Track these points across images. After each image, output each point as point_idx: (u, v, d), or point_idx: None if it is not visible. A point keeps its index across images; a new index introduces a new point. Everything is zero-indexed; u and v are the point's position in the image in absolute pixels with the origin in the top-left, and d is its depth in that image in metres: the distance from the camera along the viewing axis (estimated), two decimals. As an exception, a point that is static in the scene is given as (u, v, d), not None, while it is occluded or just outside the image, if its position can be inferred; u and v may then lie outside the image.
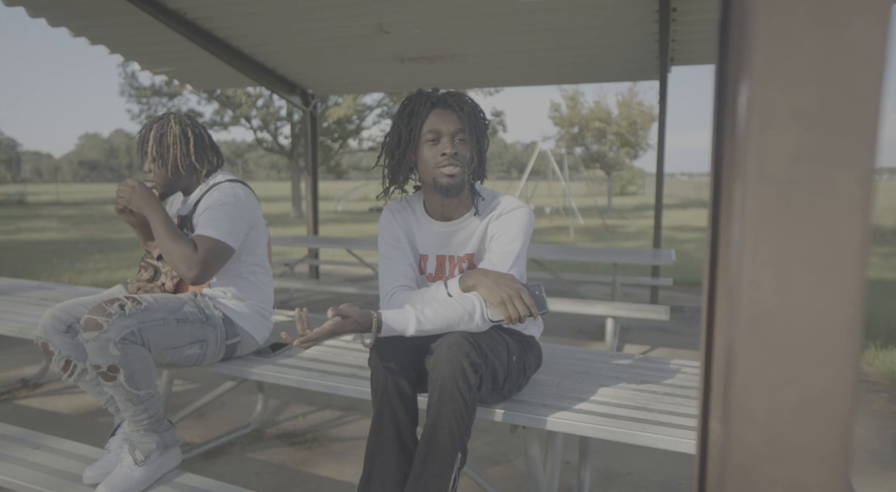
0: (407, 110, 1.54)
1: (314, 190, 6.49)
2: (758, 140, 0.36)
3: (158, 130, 1.91)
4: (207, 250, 1.74)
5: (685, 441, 1.37)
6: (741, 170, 0.38)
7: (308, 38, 4.87)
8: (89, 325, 1.54)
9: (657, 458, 2.36)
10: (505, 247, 1.54)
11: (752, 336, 0.37)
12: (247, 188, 1.96)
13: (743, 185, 0.38)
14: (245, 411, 2.83)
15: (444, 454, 1.30)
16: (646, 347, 4.02)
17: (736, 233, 0.39)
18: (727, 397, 0.39)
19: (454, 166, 1.49)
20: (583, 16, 4.14)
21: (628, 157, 21.90)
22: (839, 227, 0.35)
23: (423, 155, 1.53)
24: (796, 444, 0.37)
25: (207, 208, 1.83)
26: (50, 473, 1.61)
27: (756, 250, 0.37)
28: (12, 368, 3.43)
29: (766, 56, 0.35)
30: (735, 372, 0.38)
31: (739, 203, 0.38)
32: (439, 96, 1.54)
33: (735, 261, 0.39)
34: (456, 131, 1.51)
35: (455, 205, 1.59)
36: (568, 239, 11.39)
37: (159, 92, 17.80)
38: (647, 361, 1.97)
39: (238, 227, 1.83)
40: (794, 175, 0.35)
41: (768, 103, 0.35)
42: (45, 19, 4.60)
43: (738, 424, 0.38)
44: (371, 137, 19.94)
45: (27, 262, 7.88)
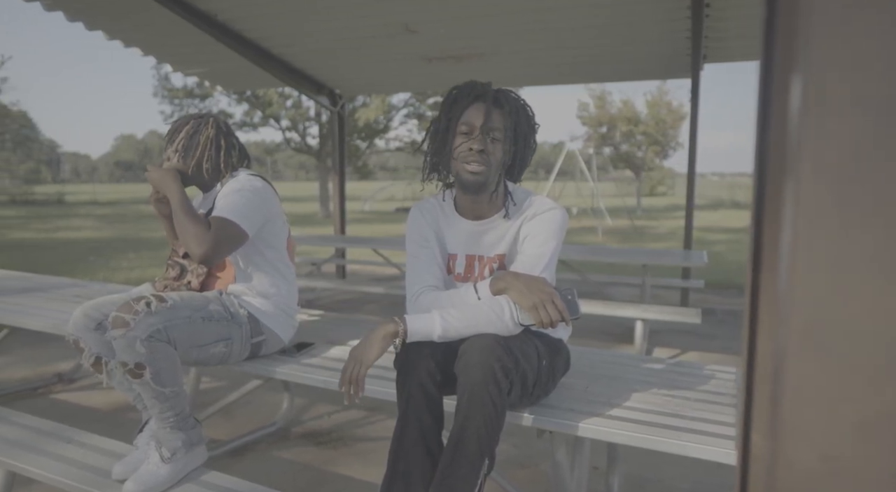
0: (450, 99, 1.50)
1: (341, 190, 6.53)
2: (814, 132, 0.33)
3: (194, 127, 1.93)
4: (219, 229, 1.74)
5: (718, 450, 1.33)
6: (794, 166, 0.35)
7: (335, 39, 4.90)
8: (117, 322, 1.56)
9: (688, 465, 2.29)
10: (538, 249, 1.50)
11: (806, 346, 0.34)
12: (266, 182, 1.95)
13: (796, 182, 0.34)
14: (271, 410, 2.85)
15: (470, 459, 1.27)
16: (676, 351, 3.93)
17: (787, 234, 0.36)
18: (775, 412, 0.36)
19: (479, 164, 1.46)
20: (612, 13, 4.07)
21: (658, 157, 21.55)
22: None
23: (454, 147, 1.49)
24: (855, 465, 0.34)
25: (223, 196, 1.85)
26: (80, 467, 1.64)
27: (810, 253, 0.34)
28: (48, 363, 3.51)
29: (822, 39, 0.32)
30: (785, 385, 0.35)
31: (791, 202, 0.35)
32: (484, 90, 1.49)
33: (786, 265, 0.36)
34: (490, 128, 1.46)
35: (485, 203, 1.56)
36: (596, 240, 11.25)
37: (192, 93, 18.15)
38: (678, 365, 1.92)
39: (253, 213, 1.82)
40: (855, 170, 0.32)
41: (825, 91, 0.32)
42: (82, 23, 4.72)
43: (789, 441, 0.35)
44: (398, 137, 20.01)
45: (64, 260, 8.11)
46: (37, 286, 3.10)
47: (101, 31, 4.92)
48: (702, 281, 4.91)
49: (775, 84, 0.39)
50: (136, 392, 1.82)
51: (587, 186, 16.09)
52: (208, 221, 1.77)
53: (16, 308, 2.58)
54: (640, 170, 22.21)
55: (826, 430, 0.34)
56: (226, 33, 4.72)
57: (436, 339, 1.39)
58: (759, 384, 0.41)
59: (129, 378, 1.59)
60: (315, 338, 2.19)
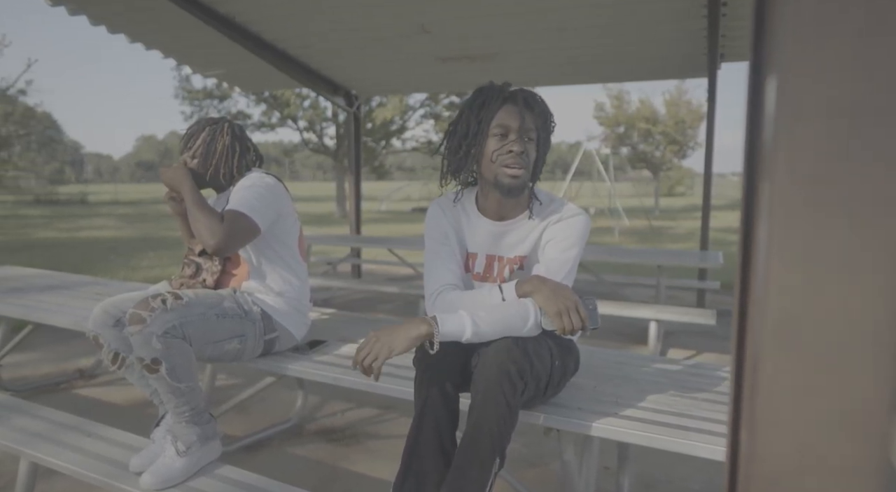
0: (478, 102, 1.50)
1: (357, 190, 6.57)
2: (787, 135, 0.34)
3: (210, 134, 1.97)
4: (232, 221, 1.77)
5: (724, 449, 1.33)
6: (769, 167, 0.36)
7: (352, 40, 4.94)
8: (134, 319, 1.60)
9: (699, 466, 2.29)
10: (562, 253, 1.51)
11: (780, 342, 0.36)
12: (277, 180, 1.99)
13: (771, 183, 0.36)
14: (285, 407, 2.89)
15: (482, 458, 1.28)
16: (690, 352, 3.90)
17: (763, 234, 0.37)
18: (754, 405, 0.38)
19: (519, 167, 1.46)
20: (627, 13, 4.05)
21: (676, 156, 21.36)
22: (873, 226, 0.33)
23: (488, 150, 1.49)
24: (826, 456, 0.35)
25: (235, 192, 1.88)
26: (99, 459, 1.68)
27: (784, 252, 0.35)
28: (70, 359, 3.60)
29: (795, 46, 0.34)
30: (761, 379, 0.37)
31: (767, 202, 0.36)
32: (512, 92, 1.50)
33: (762, 263, 0.37)
34: (525, 130, 1.47)
35: (512, 205, 1.56)
36: (613, 240, 11.19)
37: (211, 94, 18.40)
38: (689, 366, 1.91)
39: (265, 207, 1.85)
40: (826, 172, 0.33)
41: (797, 96, 0.34)
42: (104, 27, 4.81)
43: (765, 433, 0.37)
44: (414, 138, 20.08)
45: (86, 259, 8.27)
46: (59, 284, 3.17)
47: (123, 34, 5.01)
48: (718, 282, 4.87)
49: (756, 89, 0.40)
50: (153, 387, 1.87)
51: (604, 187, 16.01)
52: (221, 214, 1.81)
53: (39, 305, 2.65)
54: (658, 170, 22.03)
55: (798, 422, 0.35)
56: (244, 35, 4.78)
57: (464, 341, 1.38)
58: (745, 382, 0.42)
59: (146, 373, 1.63)
60: (328, 336, 2.22)
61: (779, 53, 0.35)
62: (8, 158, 22.86)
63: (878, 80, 0.33)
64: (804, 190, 0.34)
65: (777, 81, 0.35)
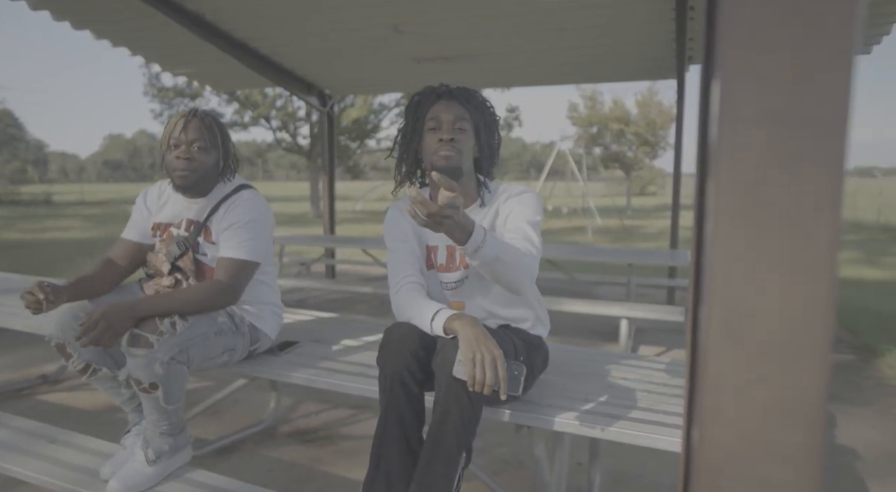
0: (414, 102, 1.60)
1: (331, 190, 6.53)
2: (728, 140, 0.36)
3: (210, 119, 1.77)
4: (236, 274, 1.72)
5: (692, 443, 1.36)
6: (714, 170, 0.38)
7: (325, 39, 4.91)
8: (139, 341, 1.51)
9: (669, 460, 2.33)
10: (527, 222, 1.55)
11: (725, 336, 0.37)
12: (261, 196, 1.90)
13: (715, 185, 0.37)
14: (258, 409, 2.86)
15: (449, 453, 1.30)
16: (661, 349, 3.98)
17: (710, 232, 0.39)
18: (700, 397, 0.39)
19: (449, 150, 1.53)
20: (599, 15, 4.11)
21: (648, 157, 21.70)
22: (810, 226, 0.35)
23: (425, 143, 1.58)
24: (767, 442, 0.37)
25: (232, 226, 1.76)
26: (66, 467, 1.65)
27: (727, 250, 0.37)
28: (33, 364, 3.50)
29: (734, 56, 0.35)
30: (708, 372, 0.38)
31: (712, 203, 0.38)
32: (445, 89, 1.60)
33: (709, 261, 0.39)
34: (455, 119, 1.55)
35: (463, 194, 1.59)
36: (586, 239, 11.32)
37: (182, 92, 18.08)
38: (657, 362, 1.95)
39: (264, 241, 1.82)
40: (764, 175, 0.35)
41: (737, 103, 0.35)
42: (69, 22, 4.70)
43: (710, 423, 0.38)
44: (389, 137, 20.04)
45: (52, 260, 8.07)
46: (21, 287, 3.09)
47: (88, 31, 4.90)
48: (687, 280, 4.96)
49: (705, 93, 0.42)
50: (125, 396, 1.81)
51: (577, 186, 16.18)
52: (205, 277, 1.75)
53: (1, 309, 2.58)
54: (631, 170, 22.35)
55: (740, 412, 0.37)
56: (214, 34, 4.72)
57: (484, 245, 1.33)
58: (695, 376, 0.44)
59: (137, 390, 1.57)
60: (302, 337, 2.21)
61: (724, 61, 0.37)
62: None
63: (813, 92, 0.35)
64: (746, 191, 0.36)
65: (721, 87, 0.37)
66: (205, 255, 1.83)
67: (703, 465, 0.41)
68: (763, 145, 0.36)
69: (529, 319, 1.69)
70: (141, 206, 1.94)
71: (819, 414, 0.36)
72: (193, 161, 1.74)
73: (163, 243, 1.88)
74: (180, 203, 1.87)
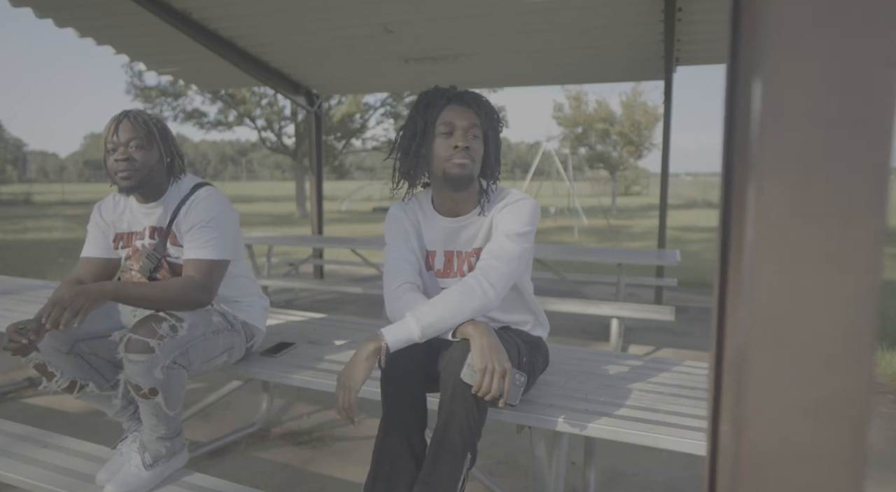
0: (423, 103, 1.54)
1: (318, 190, 6.50)
2: (771, 142, 0.36)
3: (141, 117, 1.71)
4: (208, 272, 1.68)
5: (691, 442, 1.37)
6: (755, 171, 0.38)
7: (313, 38, 4.88)
8: (139, 347, 1.47)
9: (663, 458, 2.35)
10: (508, 240, 1.51)
11: (766, 337, 0.37)
12: (220, 191, 1.84)
13: (757, 186, 0.38)
14: (250, 411, 2.84)
15: (454, 454, 1.30)
16: (650, 348, 4.01)
17: (749, 235, 0.39)
18: (740, 398, 0.39)
19: (464, 158, 1.49)
20: (588, 16, 4.13)
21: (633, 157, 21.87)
22: (853, 228, 0.35)
23: (435, 148, 1.52)
24: (809, 445, 0.37)
25: (194, 226, 1.72)
26: (58, 471, 1.62)
27: (770, 252, 0.37)
28: (18, 367, 3.44)
29: (779, 56, 0.35)
30: (748, 373, 0.38)
31: (753, 205, 0.38)
32: (456, 92, 1.55)
33: (748, 263, 0.39)
34: (469, 126, 1.51)
35: (464, 201, 1.59)
36: (572, 239, 11.38)
37: (165, 92, 17.86)
38: (653, 361, 1.97)
39: (230, 237, 1.76)
40: (808, 177, 0.35)
41: (781, 105, 0.35)
42: (52, 20, 4.62)
43: (751, 424, 0.38)
44: (374, 137, 19.97)
45: (34, 261, 7.92)
46: (5, 288, 3.04)
47: (71, 29, 4.82)
48: (675, 279, 5.01)
49: (739, 91, 0.42)
50: (118, 406, 1.77)
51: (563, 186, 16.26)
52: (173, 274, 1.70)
53: (-14, 311, 2.53)
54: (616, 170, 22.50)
55: (783, 413, 0.37)
56: (201, 32, 4.67)
57: (418, 340, 1.41)
58: (727, 375, 0.44)
59: (135, 396, 1.53)
60: (296, 338, 2.19)
61: (766, 61, 0.37)
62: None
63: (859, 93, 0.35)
64: (789, 194, 0.36)
65: (763, 88, 0.37)
66: (177, 258, 1.78)
67: (739, 467, 0.41)
68: (807, 147, 0.36)
69: (529, 322, 1.69)
70: (98, 220, 1.87)
71: (863, 416, 0.36)
72: (133, 161, 1.69)
73: (132, 260, 1.82)
74: (138, 210, 1.82)
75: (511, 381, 1.32)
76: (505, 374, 1.30)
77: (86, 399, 1.72)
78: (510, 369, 1.32)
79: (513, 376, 1.34)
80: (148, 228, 1.81)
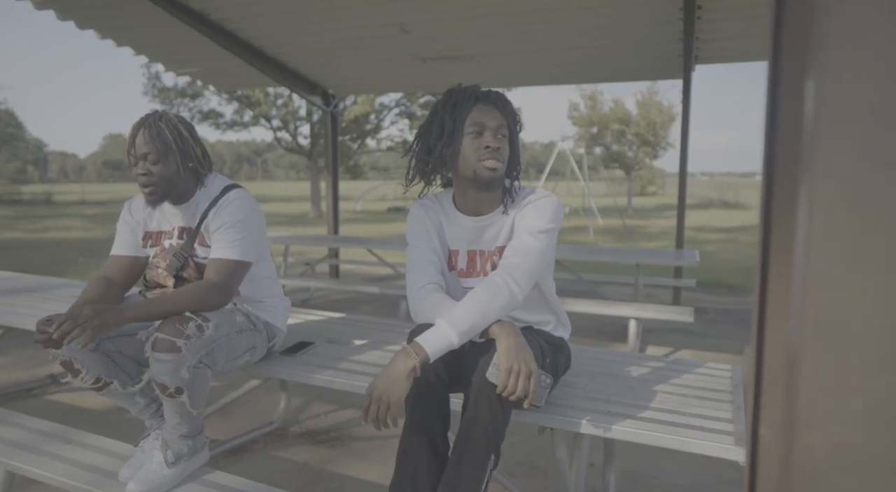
0: (450, 102, 1.52)
1: (334, 189, 6.52)
2: (827, 138, 0.35)
3: (156, 128, 1.72)
4: (229, 274, 1.70)
5: (717, 445, 1.35)
6: (807, 169, 0.37)
7: (329, 39, 4.90)
8: (166, 346, 1.48)
9: (682, 461, 2.33)
10: (531, 236, 1.50)
11: (819, 339, 0.36)
12: (249, 194, 1.86)
13: (810, 184, 0.36)
14: (268, 409, 2.85)
15: (478, 456, 1.29)
16: (668, 349, 3.97)
17: (801, 234, 0.37)
18: (789, 402, 0.38)
19: (496, 160, 1.49)
20: (606, 14, 4.10)
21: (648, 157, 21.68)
22: (914, 227, 0.34)
23: (464, 148, 1.51)
24: (866, 451, 0.36)
25: (222, 226, 1.74)
26: (82, 468, 1.64)
27: (824, 251, 0.36)
28: (42, 364, 3.49)
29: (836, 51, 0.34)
30: (799, 376, 0.37)
31: (805, 203, 0.37)
32: (483, 92, 1.55)
33: (800, 262, 0.37)
34: (498, 126, 1.51)
35: (488, 201, 1.58)
36: (587, 239, 11.31)
37: (183, 93, 18.05)
38: (674, 363, 1.94)
39: (254, 240, 1.78)
40: (866, 174, 0.34)
41: (839, 100, 0.34)
42: (73, 21, 4.69)
43: (802, 430, 0.37)
44: (389, 137, 20.00)
45: (53, 260, 8.04)
46: (30, 287, 3.08)
47: (92, 30, 4.89)
48: (693, 280, 4.95)
49: (786, 87, 0.41)
50: (142, 404, 1.78)
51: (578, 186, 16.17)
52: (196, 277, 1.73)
53: (10, 309, 2.57)
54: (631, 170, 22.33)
55: (838, 418, 0.36)
56: (219, 33, 4.71)
57: (455, 347, 1.38)
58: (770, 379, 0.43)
59: (160, 394, 1.55)
60: (314, 338, 2.20)
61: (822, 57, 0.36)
62: (-33, 156, 22.08)
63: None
64: (845, 192, 0.35)
65: (816, 84, 0.36)
66: (203, 258, 1.80)
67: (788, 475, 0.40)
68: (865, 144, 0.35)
69: (552, 322, 1.68)
70: (127, 217, 1.90)
71: (920, 421, 0.35)
72: (151, 176, 1.72)
73: (158, 258, 1.84)
74: (168, 211, 1.85)
75: (536, 382, 1.31)
76: (531, 374, 1.29)
77: (109, 396, 1.74)
78: (536, 369, 1.31)
79: (538, 377, 1.33)
80: (177, 228, 1.85)
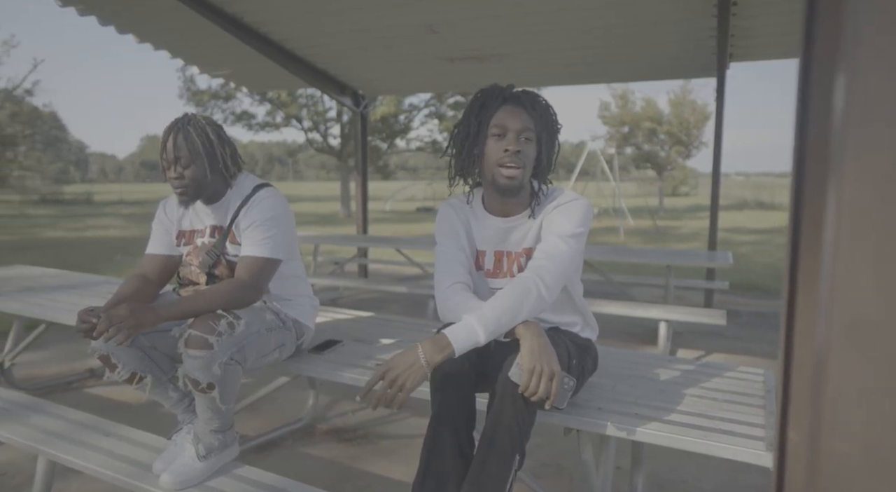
0: (478, 103, 1.51)
1: (364, 189, 6.58)
2: (857, 137, 0.34)
3: (185, 132, 1.76)
4: (259, 271, 1.73)
5: (747, 451, 1.32)
6: (837, 168, 0.36)
7: (359, 40, 4.95)
8: (198, 343, 1.52)
9: (709, 465, 2.28)
10: (560, 239, 1.49)
11: (849, 342, 0.36)
12: (280, 193, 1.90)
13: (839, 183, 0.36)
14: (296, 407, 2.89)
15: (503, 455, 1.29)
16: (700, 352, 3.90)
17: (829, 234, 0.37)
18: (817, 406, 0.38)
19: (514, 167, 1.47)
20: (638, 12, 4.05)
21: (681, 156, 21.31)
22: (948, 228, 0.33)
23: (487, 149, 1.50)
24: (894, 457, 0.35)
25: (253, 224, 1.78)
26: (119, 459, 1.69)
27: (854, 252, 0.35)
28: (81, 358, 3.61)
29: (867, 49, 0.34)
30: (828, 380, 0.37)
31: (834, 203, 0.36)
32: (512, 92, 1.52)
33: (828, 263, 0.37)
34: (522, 129, 1.48)
35: (514, 203, 1.57)
36: (618, 240, 11.17)
37: (216, 95, 18.42)
38: (705, 366, 1.91)
39: (285, 238, 1.82)
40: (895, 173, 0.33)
41: (870, 97, 0.34)
42: (113, 26, 4.83)
43: (830, 434, 0.37)
44: (419, 138, 20.08)
45: (93, 258, 8.30)
46: (71, 283, 3.19)
47: (131, 35, 5.03)
48: (727, 282, 4.85)
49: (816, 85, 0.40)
50: (175, 399, 1.83)
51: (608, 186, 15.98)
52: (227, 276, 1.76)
53: (53, 304, 2.66)
54: (663, 170, 21.98)
55: (868, 423, 0.35)
56: (252, 35, 4.80)
57: (482, 345, 1.38)
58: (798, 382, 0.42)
59: (193, 390, 1.59)
60: (342, 336, 2.22)
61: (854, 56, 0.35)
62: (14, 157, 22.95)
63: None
64: (876, 191, 0.34)
65: (848, 83, 0.35)
66: (234, 256, 1.84)
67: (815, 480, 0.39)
68: (893, 143, 0.34)
69: (578, 323, 1.67)
70: (162, 217, 1.96)
71: (954, 427, 0.34)
72: (183, 179, 1.77)
73: (191, 256, 1.89)
74: (201, 210, 1.90)
75: (559, 384, 1.30)
76: (553, 376, 1.28)
77: (144, 390, 1.79)
78: (559, 371, 1.30)
79: (561, 379, 1.32)
80: (209, 226, 1.89)
